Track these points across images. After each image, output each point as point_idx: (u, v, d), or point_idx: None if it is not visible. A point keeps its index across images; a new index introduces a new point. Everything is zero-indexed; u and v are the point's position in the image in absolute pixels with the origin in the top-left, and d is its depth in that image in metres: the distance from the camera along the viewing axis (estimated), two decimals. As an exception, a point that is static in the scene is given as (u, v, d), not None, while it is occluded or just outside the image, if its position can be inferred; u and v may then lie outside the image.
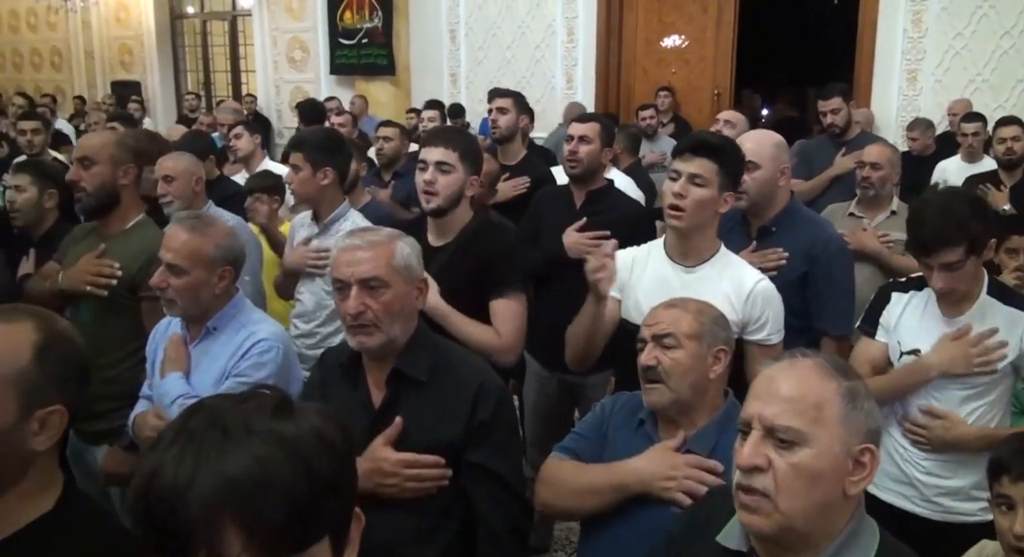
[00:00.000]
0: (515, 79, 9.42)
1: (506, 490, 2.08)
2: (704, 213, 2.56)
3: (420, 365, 2.10)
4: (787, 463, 1.41)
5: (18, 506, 1.40)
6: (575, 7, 9.25)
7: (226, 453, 0.93)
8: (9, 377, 1.36)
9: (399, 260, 2.08)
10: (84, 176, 2.99)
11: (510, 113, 4.50)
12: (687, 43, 9.25)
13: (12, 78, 15.19)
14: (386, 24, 10.26)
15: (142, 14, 13.30)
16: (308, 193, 3.34)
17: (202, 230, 2.45)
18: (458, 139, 2.92)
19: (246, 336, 2.48)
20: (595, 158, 3.62)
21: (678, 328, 2.09)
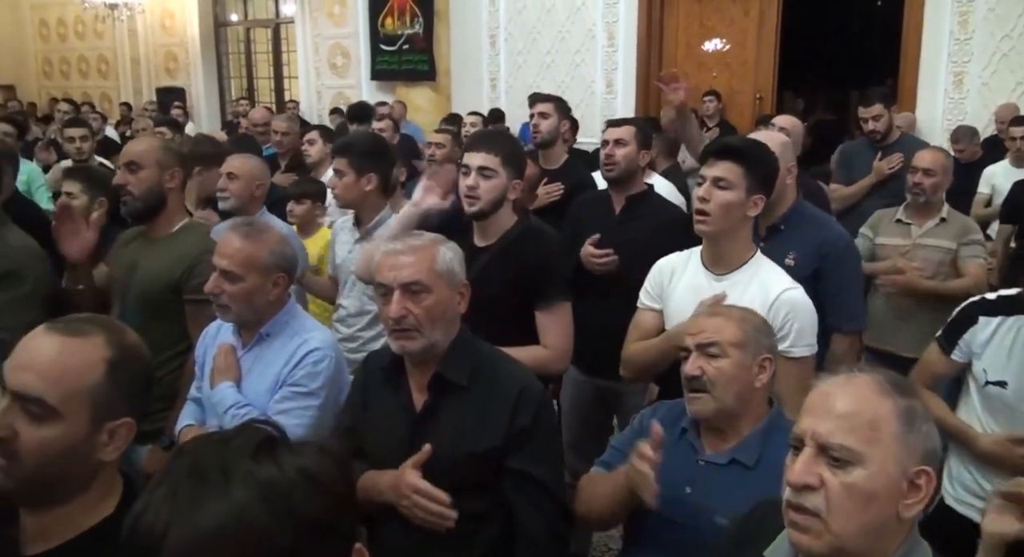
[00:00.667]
0: (555, 84, 9.42)
1: (546, 496, 2.08)
2: (731, 217, 2.52)
3: (461, 370, 2.11)
4: (840, 483, 1.38)
5: (82, 512, 1.42)
6: (615, 11, 9.23)
7: (200, 504, 0.92)
8: (83, 392, 1.38)
9: (441, 265, 2.09)
10: (131, 180, 3.02)
11: (551, 118, 4.49)
12: (728, 46, 9.20)
13: (60, 85, 15.49)
14: (427, 30, 10.31)
15: (187, 22, 13.54)
16: (351, 198, 3.37)
17: (256, 237, 2.46)
18: (501, 143, 2.93)
19: (299, 343, 2.47)
20: (632, 161, 3.60)
21: (722, 337, 2.06)
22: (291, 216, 4.20)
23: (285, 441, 1.02)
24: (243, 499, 0.93)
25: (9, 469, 1.36)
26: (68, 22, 15.30)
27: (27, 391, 1.36)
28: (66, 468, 1.38)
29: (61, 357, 1.39)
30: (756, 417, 2.07)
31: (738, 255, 2.59)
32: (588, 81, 9.51)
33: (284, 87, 13.10)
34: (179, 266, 2.95)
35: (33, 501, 1.40)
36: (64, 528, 1.41)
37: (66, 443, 1.36)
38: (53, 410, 1.35)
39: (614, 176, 3.60)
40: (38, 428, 1.35)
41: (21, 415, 1.36)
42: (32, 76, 16.05)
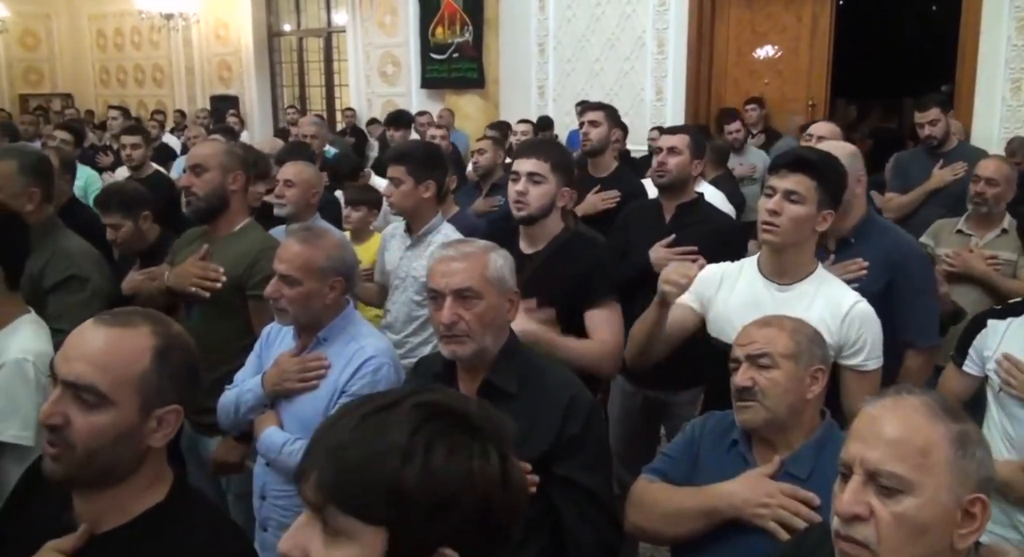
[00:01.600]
0: (604, 91, 9.41)
1: (596, 505, 2.07)
2: (800, 231, 2.48)
3: (510, 377, 2.11)
4: (890, 513, 1.34)
5: (132, 497, 1.47)
6: (666, 18, 9.19)
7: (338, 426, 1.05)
8: (131, 380, 1.43)
9: (492, 272, 2.10)
10: (195, 182, 3.11)
11: (602, 126, 4.47)
12: (780, 53, 9.11)
13: (116, 93, 15.86)
14: (476, 38, 10.37)
15: (241, 32, 13.79)
16: (408, 206, 3.41)
17: (314, 242, 2.51)
18: (550, 151, 2.95)
19: (356, 350, 2.50)
20: (684, 170, 3.59)
21: (774, 348, 2.03)
22: (346, 222, 4.24)
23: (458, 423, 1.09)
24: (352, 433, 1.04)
25: (61, 456, 1.41)
26: (125, 32, 15.66)
27: (79, 380, 1.40)
28: (117, 454, 1.43)
29: (110, 346, 1.43)
30: (808, 429, 2.04)
31: (803, 266, 2.55)
32: (637, 88, 9.48)
33: (335, 95, 13.26)
34: (241, 263, 3.04)
35: (84, 486, 1.45)
36: (116, 513, 1.46)
37: (117, 429, 1.42)
38: (104, 397, 1.40)
39: (665, 183, 3.60)
40: (90, 415, 1.40)
41: (73, 403, 1.41)
42: (89, 85, 16.46)
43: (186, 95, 14.74)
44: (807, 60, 8.94)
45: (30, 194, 3.06)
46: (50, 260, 2.95)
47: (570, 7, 9.83)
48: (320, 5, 13.24)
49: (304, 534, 1.04)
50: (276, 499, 2.55)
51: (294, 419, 2.53)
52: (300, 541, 1.04)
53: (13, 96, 15.90)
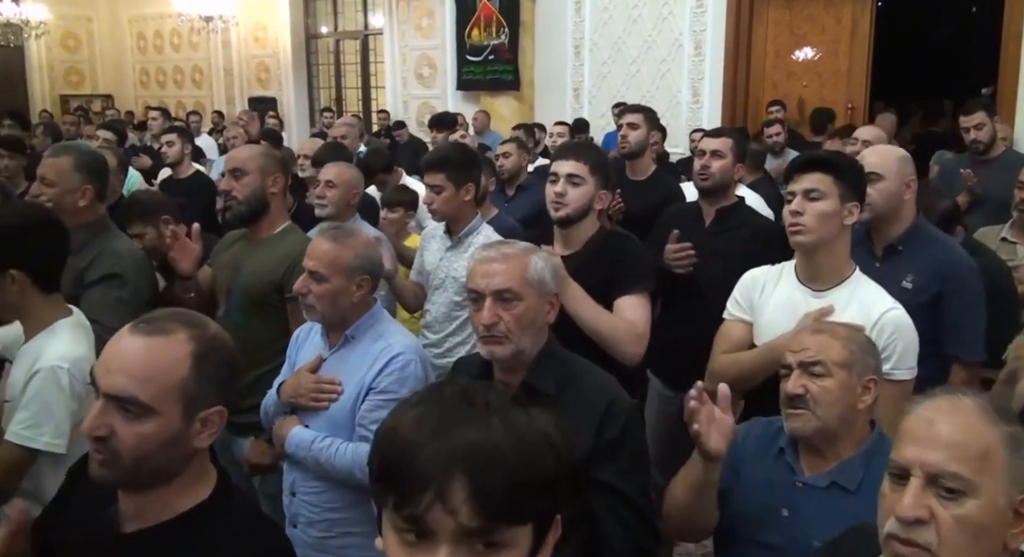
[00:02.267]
0: (640, 93, 9.38)
1: (632, 510, 2.05)
2: (828, 226, 2.46)
3: (548, 379, 2.11)
4: (951, 516, 1.33)
5: (177, 495, 1.50)
6: (703, 21, 9.14)
7: (461, 423, 1.02)
8: (173, 388, 1.44)
9: (533, 274, 2.10)
10: (236, 186, 3.14)
11: (640, 129, 4.46)
12: (819, 55, 9.02)
13: (155, 94, 16.06)
14: (512, 40, 10.38)
15: (279, 34, 13.92)
16: (451, 211, 3.43)
17: (343, 240, 2.54)
18: (589, 153, 2.96)
19: (383, 347, 2.53)
20: (727, 173, 3.56)
21: (827, 356, 2.00)
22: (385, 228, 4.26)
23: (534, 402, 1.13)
24: (496, 430, 1.02)
25: (108, 462, 1.43)
26: (164, 34, 15.86)
27: (121, 393, 1.42)
28: (164, 459, 1.45)
29: (149, 357, 1.44)
30: (858, 439, 2.01)
31: (836, 271, 2.52)
32: (674, 91, 9.43)
33: (371, 97, 13.35)
34: (281, 265, 3.07)
35: (131, 488, 1.47)
36: (160, 510, 1.48)
37: (161, 437, 1.43)
38: (148, 408, 1.42)
39: (708, 187, 3.56)
40: (134, 425, 1.42)
41: (117, 414, 1.42)
42: (130, 86, 16.69)
43: (224, 96, 14.91)
44: (846, 62, 8.85)
45: (84, 191, 3.10)
46: (96, 258, 3.00)
47: (606, 9, 9.81)
48: (357, 8, 13.34)
49: None
50: (305, 495, 2.57)
51: (320, 418, 2.55)
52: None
53: (55, 97, 16.16)
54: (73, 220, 3.02)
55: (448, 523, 0.97)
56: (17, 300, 2.36)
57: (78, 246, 2.98)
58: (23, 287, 2.34)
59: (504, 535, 0.99)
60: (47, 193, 3.06)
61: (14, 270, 2.32)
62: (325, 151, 4.98)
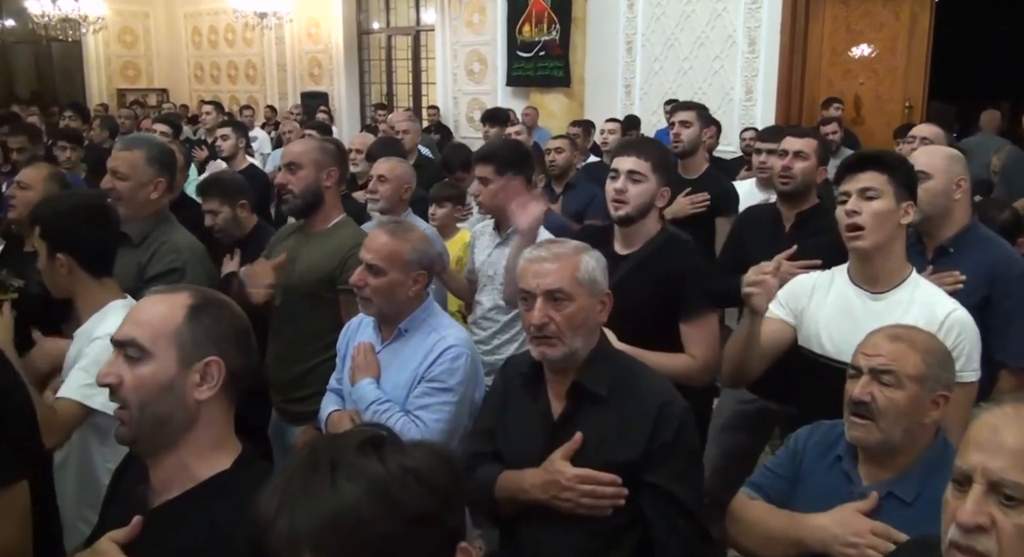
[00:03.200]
0: (692, 90, 9.28)
1: (684, 515, 2.02)
2: (886, 227, 2.40)
3: (601, 380, 2.08)
4: (1012, 524, 1.30)
5: (196, 462, 1.57)
6: (758, 16, 9.00)
7: (309, 491, 1.02)
8: (167, 334, 1.56)
9: (584, 273, 2.08)
10: (291, 179, 3.19)
11: (693, 126, 4.39)
12: (876, 52, 8.85)
13: (210, 89, 16.29)
14: (563, 36, 10.33)
15: (332, 30, 14.03)
16: (497, 204, 3.41)
17: (401, 235, 2.57)
18: (651, 149, 2.92)
19: (436, 340, 2.54)
20: (810, 176, 3.45)
21: (902, 367, 1.91)
22: (432, 219, 4.27)
23: (395, 441, 1.10)
24: (346, 490, 1.01)
25: (124, 418, 1.56)
26: (219, 30, 16.08)
27: (123, 338, 1.57)
28: (165, 405, 1.54)
29: (150, 306, 1.61)
30: (920, 449, 1.93)
31: (895, 272, 2.45)
32: (727, 88, 9.31)
33: (422, 92, 13.40)
34: (334, 258, 3.11)
35: (148, 445, 1.57)
36: (182, 479, 1.56)
37: (159, 379, 1.54)
38: (145, 350, 1.54)
39: (789, 189, 3.45)
40: (135, 368, 1.54)
41: (123, 363, 1.56)
42: (184, 80, 16.95)
43: (277, 91, 15.08)
44: (904, 59, 8.67)
45: (156, 184, 3.16)
46: (156, 251, 3.06)
47: (659, 5, 9.72)
48: (409, 4, 13.40)
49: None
50: None
51: None
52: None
53: (111, 91, 16.47)
54: (140, 212, 3.08)
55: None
56: (68, 283, 2.46)
57: (140, 238, 3.05)
58: (72, 270, 2.45)
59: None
60: (120, 186, 3.11)
61: (61, 254, 2.43)
62: (378, 146, 4.99)
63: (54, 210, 2.50)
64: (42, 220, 2.47)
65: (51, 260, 2.44)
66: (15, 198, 3.49)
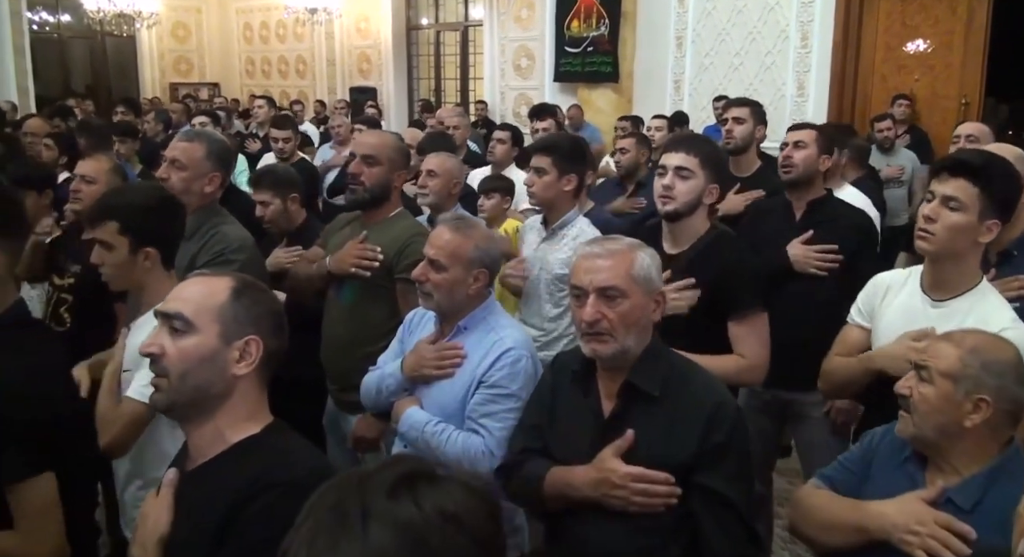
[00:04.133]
0: (742, 86, 9.17)
1: (735, 517, 2.00)
2: (957, 241, 2.30)
3: (654, 379, 2.06)
4: None
5: (230, 430, 1.67)
6: (811, 11, 8.87)
7: (338, 546, 0.94)
8: (211, 310, 1.66)
9: (638, 270, 2.05)
10: (364, 172, 3.20)
11: (747, 123, 4.33)
12: (932, 48, 8.66)
13: (260, 84, 16.49)
14: (612, 32, 10.27)
15: (381, 26, 14.13)
16: (549, 197, 3.40)
17: (465, 232, 2.56)
18: (700, 145, 2.89)
19: (495, 340, 2.52)
20: (811, 164, 3.48)
21: (935, 363, 1.89)
22: (480, 210, 4.27)
23: (428, 475, 1.02)
24: (379, 541, 0.94)
25: (162, 386, 1.65)
26: (270, 26, 16.27)
27: (169, 311, 1.67)
28: (204, 377, 1.64)
29: (196, 285, 1.72)
30: (979, 457, 1.88)
31: (962, 281, 2.38)
32: (778, 84, 9.19)
33: (469, 88, 13.44)
34: (392, 247, 3.13)
35: (185, 413, 1.68)
36: (215, 443, 1.67)
37: (201, 352, 1.64)
38: (190, 323, 1.64)
39: (792, 178, 3.50)
40: (178, 340, 1.64)
41: (167, 334, 1.66)
42: (236, 75, 17.19)
43: (326, 86, 15.21)
44: (960, 55, 8.47)
45: (212, 177, 3.21)
46: (207, 242, 3.10)
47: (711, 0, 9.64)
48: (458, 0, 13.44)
49: None
50: None
51: (433, 405, 2.56)
52: None
53: (164, 85, 16.78)
54: (194, 204, 3.13)
55: None
56: (144, 276, 2.49)
57: (192, 230, 3.09)
58: (154, 264, 2.48)
59: None
60: (177, 176, 3.16)
61: (149, 247, 2.46)
62: (429, 141, 5.00)
63: (136, 205, 2.49)
64: (123, 215, 2.46)
65: (133, 255, 2.45)
66: (80, 192, 3.56)
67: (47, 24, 16.07)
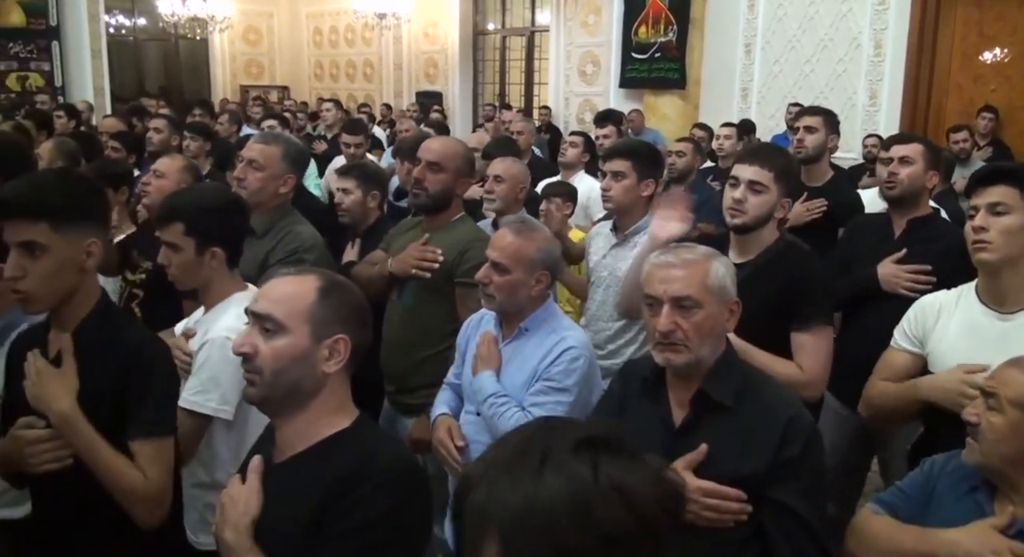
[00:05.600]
0: (812, 94, 9.04)
1: (807, 534, 1.95)
2: (1014, 243, 2.28)
3: (726, 389, 2.03)
4: None
5: (317, 422, 1.71)
6: (885, 18, 8.70)
7: (512, 475, 0.98)
8: (301, 311, 1.69)
9: (714, 280, 2.03)
10: (429, 178, 3.23)
11: (818, 132, 4.24)
12: (1010, 57, 8.42)
13: (328, 87, 16.74)
14: (680, 38, 10.21)
15: (448, 31, 14.26)
16: (627, 202, 3.38)
17: (527, 234, 2.58)
18: (775, 159, 2.81)
19: (556, 341, 2.55)
20: (917, 181, 3.33)
21: (1003, 390, 1.82)
22: (542, 214, 4.27)
23: (618, 449, 1.02)
24: (548, 489, 0.96)
25: (255, 382, 1.69)
26: (340, 30, 16.51)
27: (261, 311, 1.70)
28: (297, 374, 1.68)
29: (284, 286, 1.74)
30: None
31: None
32: (849, 93, 9.03)
33: (534, 93, 13.47)
34: (452, 252, 3.14)
35: (276, 406, 1.72)
36: (305, 437, 1.71)
37: (293, 352, 1.68)
38: (281, 325, 1.68)
39: (895, 196, 3.35)
40: (271, 340, 1.68)
41: (259, 334, 1.69)
42: (305, 78, 17.47)
43: (393, 90, 15.38)
44: (1040, 66, 8.24)
45: (286, 179, 3.26)
46: (280, 240, 3.15)
47: (781, 6, 9.51)
48: (525, 5, 13.50)
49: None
50: (476, 448, 2.60)
51: None
52: None
53: (235, 87, 17.13)
54: (267, 204, 3.17)
55: None
56: (208, 275, 2.52)
57: (265, 229, 3.15)
58: (220, 263, 2.51)
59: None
60: (253, 176, 3.21)
61: (217, 247, 2.49)
62: (495, 145, 5.02)
63: (200, 206, 2.51)
64: (188, 217, 2.48)
65: (200, 255, 2.48)
66: (150, 185, 3.63)
67: (123, 27, 16.51)
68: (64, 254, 1.98)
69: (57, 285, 2.00)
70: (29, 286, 1.98)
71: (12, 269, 1.97)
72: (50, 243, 1.96)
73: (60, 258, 1.98)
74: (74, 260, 2.01)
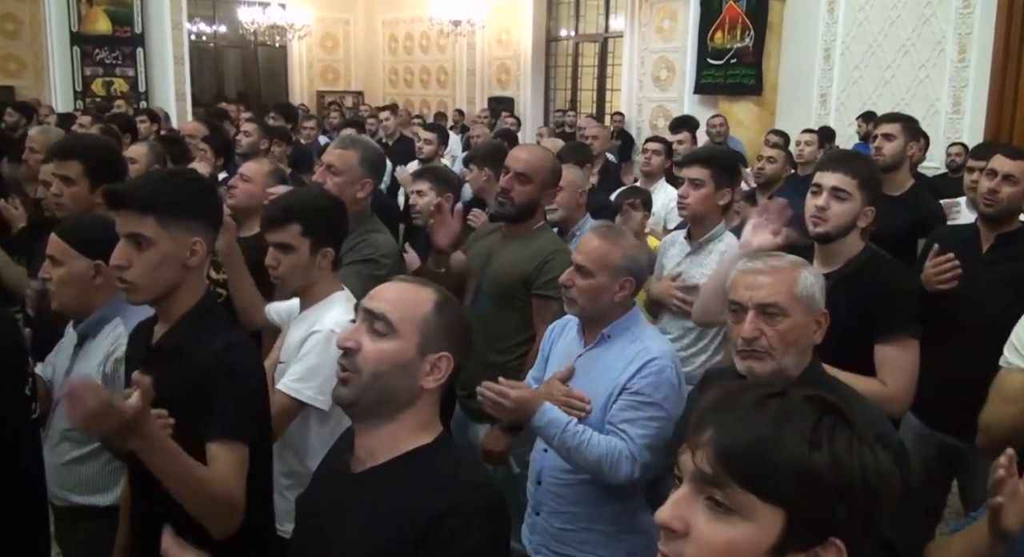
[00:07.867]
0: (893, 101, 8.83)
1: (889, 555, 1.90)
2: None
3: None
4: None
5: (404, 436, 1.67)
6: (970, 23, 8.46)
7: (744, 406, 1.06)
8: (415, 319, 1.66)
9: (801, 289, 2.01)
10: (516, 189, 3.25)
11: (897, 140, 4.11)
12: (1104, 63, 8.15)
13: (403, 92, 16.96)
14: (757, 43, 10.07)
15: (521, 37, 14.33)
16: (703, 211, 3.36)
17: (614, 239, 2.57)
18: (859, 166, 2.77)
19: (639, 350, 2.50)
20: (1017, 201, 3.19)
21: None
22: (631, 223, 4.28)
23: (850, 421, 1.09)
24: (776, 421, 1.04)
25: (350, 380, 1.64)
26: (415, 37, 16.72)
27: (375, 309, 1.66)
28: (395, 383, 1.64)
29: (403, 292, 1.71)
30: None
31: None
32: (932, 99, 8.80)
33: (606, 99, 13.43)
34: (532, 262, 3.16)
35: (365, 412, 1.66)
36: (388, 449, 1.66)
37: (398, 358, 1.64)
38: (393, 327, 1.64)
39: (992, 213, 3.19)
40: (378, 342, 1.64)
41: (366, 333, 1.65)
42: (379, 84, 17.72)
43: (465, 96, 15.50)
44: None
45: (364, 184, 3.32)
46: (357, 243, 3.20)
47: (862, 10, 9.31)
48: (599, 11, 13.48)
49: (686, 507, 1.05)
50: (551, 485, 2.59)
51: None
52: (681, 513, 1.05)
53: (311, 92, 17.48)
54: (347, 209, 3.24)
55: (689, 465, 1.05)
56: (317, 275, 2.60)
57: None
58: (328, 263, 2.60)
59: (738, 498, 1.02)
60: (332, 181, 3.27)
61: (329, 248, 2.58)
62: (567, 151, 5.03)
63: (315, 207, 2.61)
64: (305, 217, 2.56)
65: (313, 255, 2.56)
66: (236, 188, 3.72)
67: (203, 34, 16.94)
68: (168, 249, 2.03)
69: (159, 278, 2.05)
70: (132, 276, 2.03)
71: (118, 258, 2.03)
72: (156, 237, 2.01)
73: (164, 252, 2.03)
74: (178, 256, 2.05)
